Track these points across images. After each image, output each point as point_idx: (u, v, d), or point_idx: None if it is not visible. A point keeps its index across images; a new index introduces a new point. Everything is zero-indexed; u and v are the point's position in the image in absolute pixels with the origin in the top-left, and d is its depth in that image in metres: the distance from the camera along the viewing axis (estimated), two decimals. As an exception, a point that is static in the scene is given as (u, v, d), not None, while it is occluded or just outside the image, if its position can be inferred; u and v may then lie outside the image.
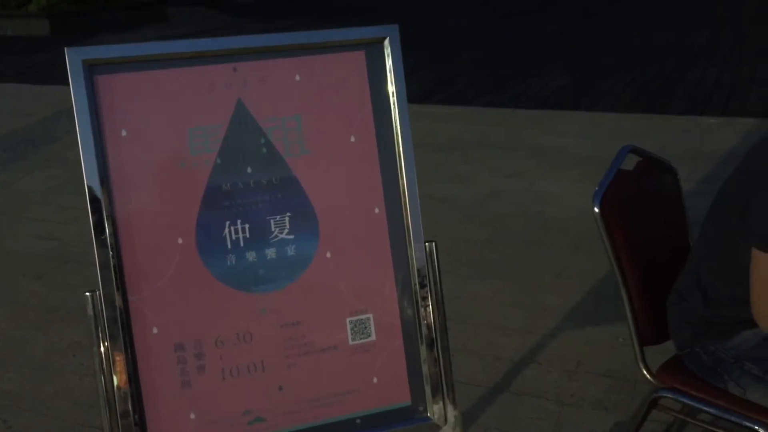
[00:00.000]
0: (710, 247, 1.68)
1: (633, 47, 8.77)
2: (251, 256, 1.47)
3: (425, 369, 1.56)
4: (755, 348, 1.62)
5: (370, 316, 1.54)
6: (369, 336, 1.54)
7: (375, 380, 1.54)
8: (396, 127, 1.54)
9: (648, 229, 1.91)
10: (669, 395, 1.72)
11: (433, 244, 1.59)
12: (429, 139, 5.40)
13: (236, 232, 1.46)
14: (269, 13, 14.46)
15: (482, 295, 3.14)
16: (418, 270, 1.56)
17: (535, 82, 7.28)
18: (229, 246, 1.45)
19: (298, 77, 1.49)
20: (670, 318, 1.76)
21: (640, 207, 1.92)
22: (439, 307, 1.58)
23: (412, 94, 6.28)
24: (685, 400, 1.71)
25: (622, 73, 7.42)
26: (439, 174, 4.67)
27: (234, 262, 1.45)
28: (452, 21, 11.81)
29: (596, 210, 1.80)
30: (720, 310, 1.66)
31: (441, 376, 1.57)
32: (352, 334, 1.53)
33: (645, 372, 1.80)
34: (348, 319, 1.53)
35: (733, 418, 1.62)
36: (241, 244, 1.46)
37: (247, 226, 1.47)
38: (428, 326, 1.56)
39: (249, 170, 1.47)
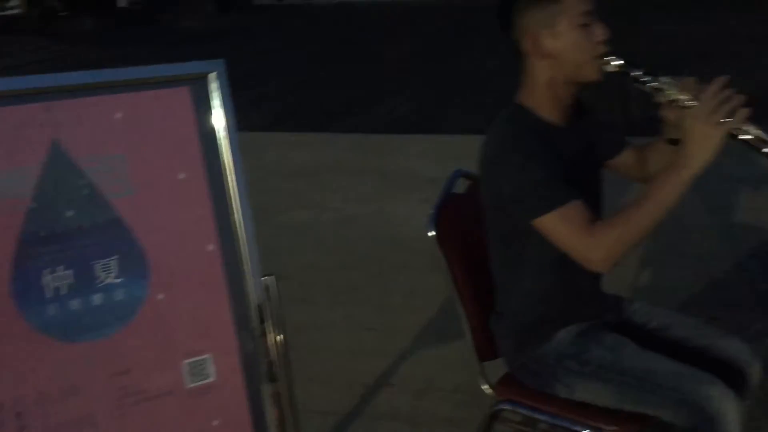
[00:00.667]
0: (495, 258, 1.78)
1: (471, 71, 9.19)
2: (75, 303, 1.39)
3: (268, 407, 1.54)
4: (572, 344, 1.72)
5: (209, 356, 1.50)
6: (208, 377, 1.50)
7: (215, 423, 1.50)
8: (226, 161, 1.52)
9: (482, 248, 2.00)
10: (507, 407, 1.80)
11: (272, 278, 1.58)
12: (281, 167, 5.39)
13: (57, 280, 1.38)
14: (111, 42, 13.89)
15: (336, 321, 3.15)
16: (258, 305, 1.55)
17: (384, 106, 7.46)
18: (50, 294, 1.37)
19: (119, 115, 1.44)
20: (496, 336, 1.84)
21: (473, 228, 2.01)
22: (281, 341, 1.57)
23: (261, 122, 6.26)
24: (523, 411, 1.79)
25: (463, 96, 7.76)
26: (292, 202, 4.66)
27: (55, 311, 1.37)
28: (301, 47, 11.89)
29: (431, 233, 1.87)
30: (527, 315, 1.75)
31: (285, 412, 1.55)
32: (189, 377, 1.48)
33: (485, 386, 1.87)
34: (184, 362, 1.48)
35: (564, 424, 1.71)
36: (64, 292, 1.38)
37: (70, 272, 1.39)
38: (270, 362, 1.54)
39: (69, 213, 1.39)
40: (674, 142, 1.63)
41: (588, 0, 1.56)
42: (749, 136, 1.39)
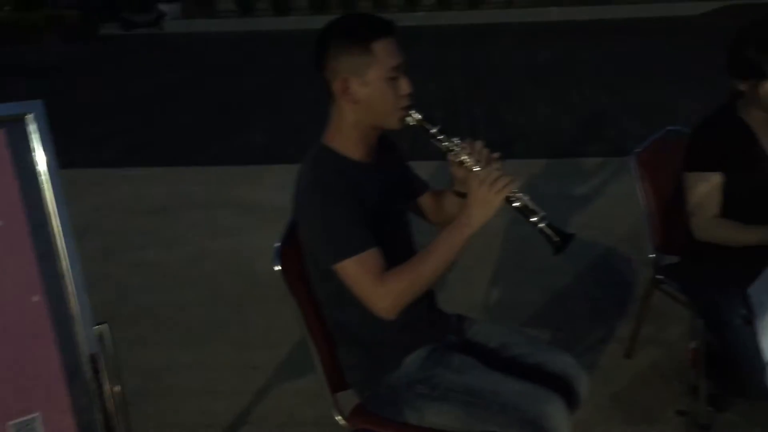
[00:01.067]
0: (320, 293, 1.82)
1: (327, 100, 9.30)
2: None
3: (106, 461, 1.46)
4: (420, 369, 1.76)
5: (37, 415, 1.41)
6: (36, 437, 1.40)
7: (46, 485, 1.40)
8: (49, 206, 1.45)
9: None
10: (361, 437, 1.81)
11: (106, 326, 1.51)
12: (133, 204, 5.18)
13: None
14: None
15: (192, 362, 3.05)
16: (91, 356, 1.47)
17: (240, 137, 7.37)
18: None
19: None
20: (343, 367, 1.86)
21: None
22: (118, 392, 1.50)
23: (111, 158, 5.98)
24: (375, 439, 1.81)
25: (320, 124, 7.82)
26: (144, 240, 4.49)
27: None
28: (151, 78, 11.53)
29: (277, 268, 1.86)
30: (369, 344, 1.78)
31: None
32: (15, 439, 1.38)
33: (338, 417, 1.87)
34: (9, 423, 1.38)
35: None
36: None
37: None
38: (107, 415, 1.47)
39: None
40: (461, 194, 1.79)
41: (398, 54, 1.65)
42: (519, 204, 1.58)
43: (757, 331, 1.64)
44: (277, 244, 1.88)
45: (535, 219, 1.58)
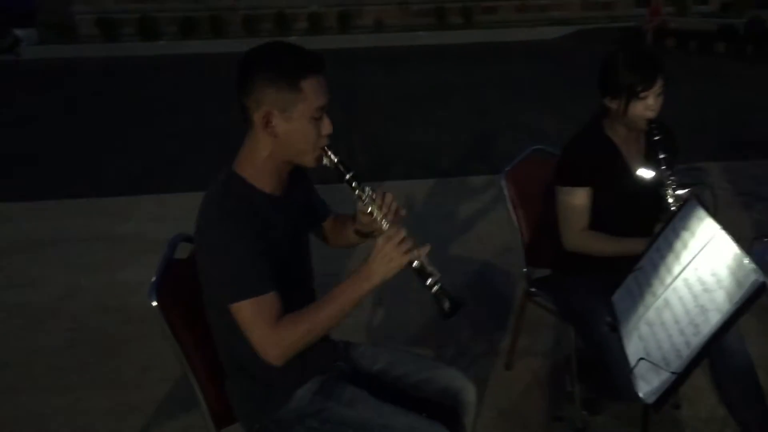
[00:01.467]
0: (213, 323, 1.79)
1: (208, 126, 9.10)
2: None
3: None
4: (311, 402, 1.75)
5: None
6: None
7: None
8: None
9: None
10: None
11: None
12: (-9, 242, 4.84)
13: None
14: None
15: (64, 407, 2.88)
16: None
17: (112, 166, 7.07)
18: None
19: None
20: (231, 401, 1.82)
21: (200, 292, 1.96)
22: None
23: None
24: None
25: (198, 151, 7.65)
26: (5, 281, 4.20)
27: None
28: (8, 110, 10.86)
29: (154, 303, 1.80)
30: (259, 376, 1.75)
31: None
32: None
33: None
34: None
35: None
36: None
37: None
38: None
39: None
40: (361, 234, 1.84)
41: (325, 94, 1.65)
42: (418, 265, 1.60)
43: (622, 336, 1.75)
44: (154, 279, 1.81)
45: (430, 282, 1.60)
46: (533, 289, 2.77)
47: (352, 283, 1.60)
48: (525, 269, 2.79)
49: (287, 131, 1.62)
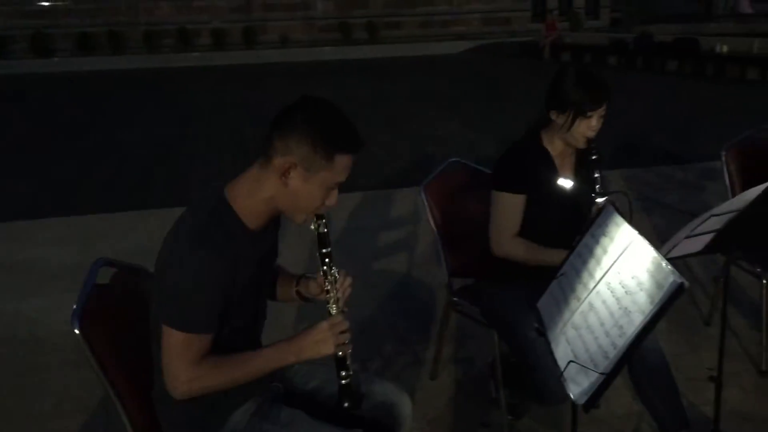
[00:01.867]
0: (156, 340, 1.74)
1: (109, 145, 8.80)
2: None
3: None
4: (248, 426, 1.73)
5: None
6: None
7: None
8: None
9: (137, 337, 1.89)
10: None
11: None
12: None
13: None
14: None
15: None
16: None
17: (1, 191, 6.69)
18: None
19: None
20: (162, 425, 1.77)
21: (125, 316, 1.89)
22: None
23: None
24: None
25: (98, 171, 7.37)
26: None
27: None
28: None
29: (77, 331, 1.72)
30: (195, 399, 1.70)
31: None
32: None
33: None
34: None
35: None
36: None
37: None
38: None
39: None
40: (301, 296, 1.91)
41: (347, 174, 1.66)
42: (342, 355, 1.67)
43: (550, 341, 1.80)
44: (75, 306, 1.73)
45: (344, 375, 1.66)
46: (456, 299, 2.82)
47: (279, 351, 1.66)
48: (447, 279, 2.83)
49: (299, 188, 1.63)
